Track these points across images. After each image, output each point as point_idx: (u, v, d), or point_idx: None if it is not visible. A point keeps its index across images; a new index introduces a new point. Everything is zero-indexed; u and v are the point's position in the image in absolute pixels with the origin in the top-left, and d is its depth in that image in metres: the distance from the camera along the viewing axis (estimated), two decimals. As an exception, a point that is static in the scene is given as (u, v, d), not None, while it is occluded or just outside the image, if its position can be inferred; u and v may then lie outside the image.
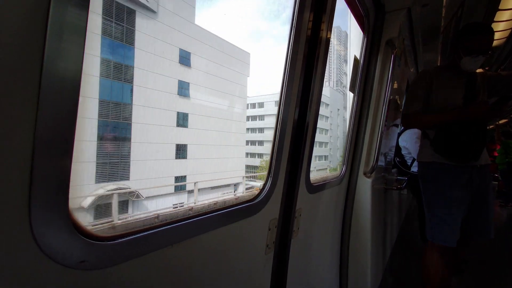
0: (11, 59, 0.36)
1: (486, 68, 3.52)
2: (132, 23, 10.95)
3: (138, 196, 10.00)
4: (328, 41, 1.21)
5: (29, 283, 0.41)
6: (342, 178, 1.72)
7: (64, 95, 0.41)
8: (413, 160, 2.91)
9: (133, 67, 11.30)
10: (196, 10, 13.63)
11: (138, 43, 11.27)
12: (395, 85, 2.18)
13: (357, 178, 1.82)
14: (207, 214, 0.75)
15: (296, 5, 1.01)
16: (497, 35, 2.73)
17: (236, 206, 0.87)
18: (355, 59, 1.79)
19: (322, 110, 32.48)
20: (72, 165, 0.44)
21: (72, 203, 0.45)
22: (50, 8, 0.38)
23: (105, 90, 10.65)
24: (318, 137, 31.28)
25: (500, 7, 2.30)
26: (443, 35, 2.69)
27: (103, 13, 10.23)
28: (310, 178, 1.29)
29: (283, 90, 1.03)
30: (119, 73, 11.02)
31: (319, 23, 1.12)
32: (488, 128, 8.04)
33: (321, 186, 1.43)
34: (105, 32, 10.33)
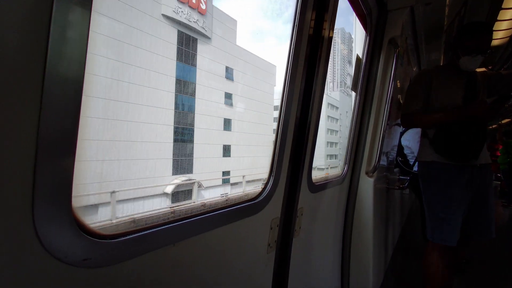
0: (14, 59, 0.36)
1: (489, 67, 3.50)
2: (195, 48, 15.31)
3: (200, 186, 13.40)
4: (330, 40, 1.21)
5: (32, 281, 0.42)
6: (344, 177, 1.71)
7: (67, 95, 0.41)
8: (416, 159, 2.91)
9: (195, 84, 15.67)
10: (237, 33, 18.10)
11: (198, 64, 15.58)
12: (398, 84, 2.17)
13: (359, 177, 1.82)
14: (209, 213, 0.75)
15: (299, 4, 1.01)
16: (500, 34, 2.71)
17: (238, 205, 0.87)
18: (358, 58, 1.79)
19: (332, 113, 36.37)
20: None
21: (75, 202, 0.45)
22: (53, 8, 0.38)
23: (178, 103, 14.74)
24: (329, 137, 34.83)
25: (503, 6, 2.28)
26: (446, 34, 2.67)
27: (177, 43, 14.28)
28: (312, 178, 1.29)
29: (285, 89, 1.03)
30: (187, 88, 15.32)
31: (322, 22, 1.12)
32: (491, 127, 7.98)
33: (323, 186, 1.43)
34: (178, 58, 14.51)
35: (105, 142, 10.96)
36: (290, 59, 1.02)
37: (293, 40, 1.02)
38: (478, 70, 1.66)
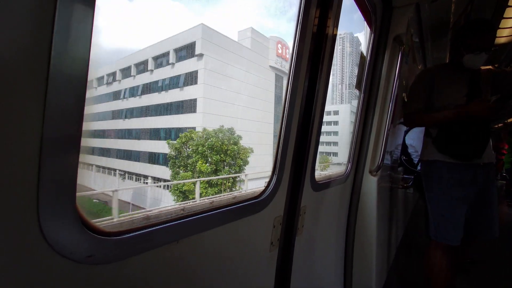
0: (18, 58, 0.36)
1: (496, 65, 3.45)
2: (281, 83, 28.99)
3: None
4: (334, 37, 1.20)
5: (38, 278, 0.42)
6: (348, 176, 1.71)
7: (70, 94, 0.41)
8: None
9: (281, 106, 24.94)
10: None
11: (284, 92, 25.21)
12: (403, 82, 2.15)
13: (362, 176, 1.81)
14: (212, 211, 0.75)
15: (302, 1, 1.00)
16: (506, 32, 2.66)
17: (241, 203, 0.87)
18: (362, 56, 1.77)
19: (353, 118, 47.43)
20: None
21: (79, 200, 0.45)
22: (57, 6, 0.38)
23: (275, 119, 26.92)
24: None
25: (510, 4, 2.24)
26: (452, 31, 2.64)
27: (275, 81, 28.88)
28: (315, 176, 1.29)
29: (289, 87, 1.03)
30: (278, 109, 25.22)
31: (326, 20, 1.11)
32: (497, 126, 7.84)
33: (326, 184, 1.43)
34: (275, 91, 28.54)
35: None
36: (294, 57, 1.02)
37: (296, 38, 1.01)
38: (483, 67, 1.64)
